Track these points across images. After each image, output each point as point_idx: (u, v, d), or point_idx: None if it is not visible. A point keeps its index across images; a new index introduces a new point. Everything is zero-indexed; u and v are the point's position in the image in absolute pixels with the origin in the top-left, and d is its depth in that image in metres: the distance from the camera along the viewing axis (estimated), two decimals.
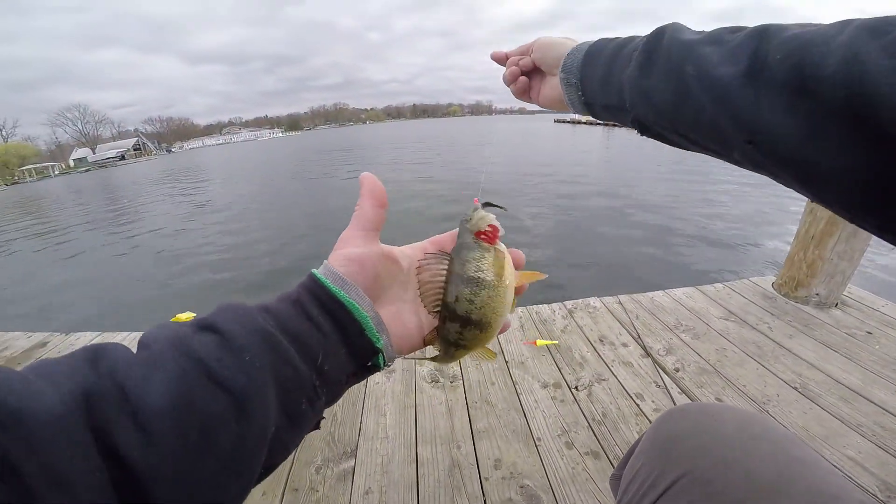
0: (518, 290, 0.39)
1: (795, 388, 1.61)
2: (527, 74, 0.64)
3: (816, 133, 0.28)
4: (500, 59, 0.67)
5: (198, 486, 0.23)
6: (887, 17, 0.27)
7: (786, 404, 1.54)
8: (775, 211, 7.69)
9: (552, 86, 0.59)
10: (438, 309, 0.37)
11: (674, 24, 0.42)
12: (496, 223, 0.37)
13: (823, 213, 2.13)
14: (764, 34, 0.32)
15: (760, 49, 0.32)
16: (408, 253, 0.40)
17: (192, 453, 0.23)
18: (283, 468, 1.37)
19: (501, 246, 0.37)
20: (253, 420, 0.26)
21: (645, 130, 0.46)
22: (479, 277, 0.35)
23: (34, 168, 71.87)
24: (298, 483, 1.33)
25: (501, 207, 0.40)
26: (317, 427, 0.33)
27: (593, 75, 0.50)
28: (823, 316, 2.12)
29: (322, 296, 0.33)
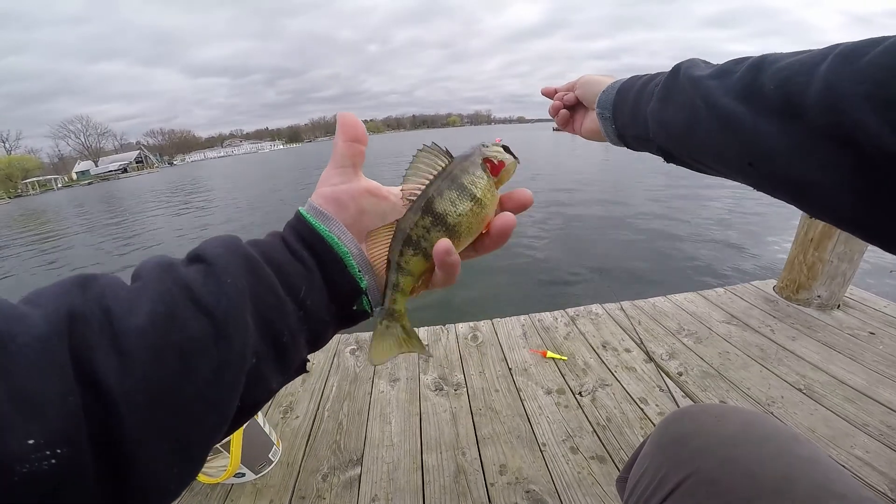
0: (494, 235, 0.35)
1: (800, 390, 1.61)
2: (571, 108, 0.69)
3: (806, 155, 0.31)
4: (550, 94, 0.72)
5: (173, 414, 0.22)
6: (863, 41, 0.29)
7: (791, 406, 1.54)
8: (774, 214, 7.70)
9: (592, 119, 0.64)
10: (413, 198, 0.34)
11: (690, 60, 0.46)
12: (507, 162, 0.36)
13: None
14: (761, 65, 0.36)
15: (757, 80, 0.35)
16: (397, 191, 0.37)
17: (169, 377, 0.22)
18: (290, 476, 1.38)
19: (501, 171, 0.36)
20: (232, 345, 0.25)
21: (670, 158, 0.50)
22: (471, 189, 0.33)
23: (37, 181, 72.32)
24: (305, 491, 1.33)
25: (517, 160, 0.38)
26: (304, 370, 0.32)
27: (624, 110, 0.55)
28: (825, 318, 2.12)
29: (303, 230, 0.32)
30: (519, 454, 1.42)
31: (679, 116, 0.43)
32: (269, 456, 1.41)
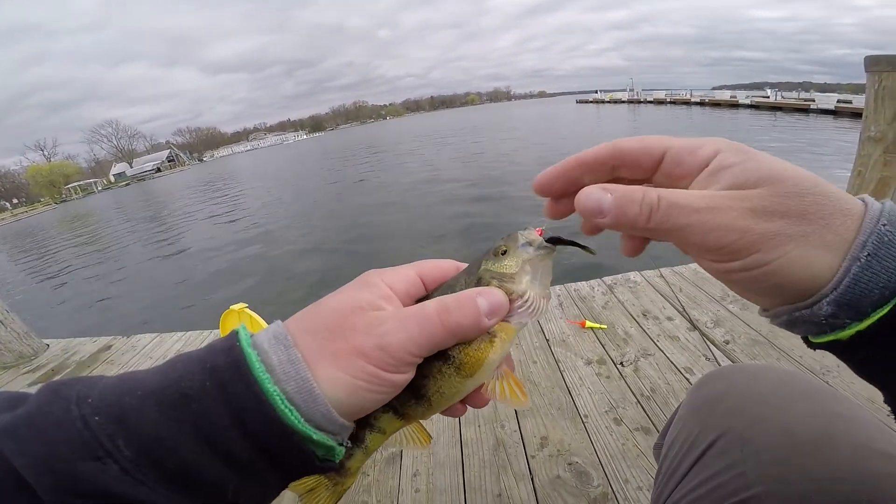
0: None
1: None
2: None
3: None
4: (548, 187, 0.32)
5: None
6: None
7: (848, 374, 1.42)
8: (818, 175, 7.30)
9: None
10: None
11: None
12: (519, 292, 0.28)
13: (872, 174, 2.00)
14: None
15: None
16: (395, 290, 0.30)
17: None
18: None
19: (514, 320, 0.29)
20: None
21: None
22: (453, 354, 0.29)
23: (79, 185, 75.73)
24: None
25: (587, 249, 0.29)
26: None
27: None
28: None
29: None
30: (560, 426, 1.39)
31: None
32: None
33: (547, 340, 1.82)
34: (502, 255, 0.28)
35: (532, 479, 1.23)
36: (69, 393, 0.22)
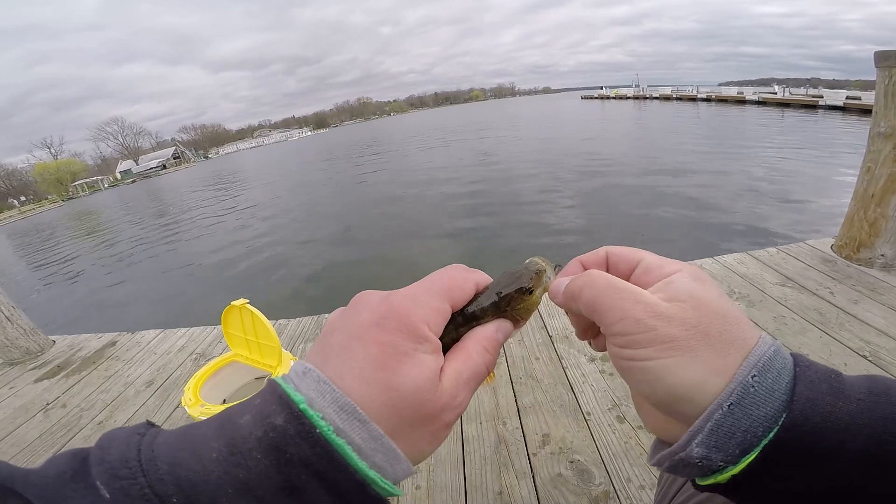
0: None
1: (865, 357, 1.49)
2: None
3: None
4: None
5: None
6: None
7: (855, 373, 1.42)
8: (822, 173, 7.22)
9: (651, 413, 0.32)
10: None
11: None
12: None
13: (882, 170, 1.97)
14: None
15: None
16: (436, 333, 0.30)
17: None
18: None
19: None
20: None
21: None
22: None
23: (85, 183, 76.07)
24: None
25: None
26: None
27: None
28: (891, 279, 1.95)
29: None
30: (562, 423, 1.38)
31: None
32: None
33: (550, 337, 1.81)
34: (529, 294, 0.31)
35: (533, 477, 1.22)
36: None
